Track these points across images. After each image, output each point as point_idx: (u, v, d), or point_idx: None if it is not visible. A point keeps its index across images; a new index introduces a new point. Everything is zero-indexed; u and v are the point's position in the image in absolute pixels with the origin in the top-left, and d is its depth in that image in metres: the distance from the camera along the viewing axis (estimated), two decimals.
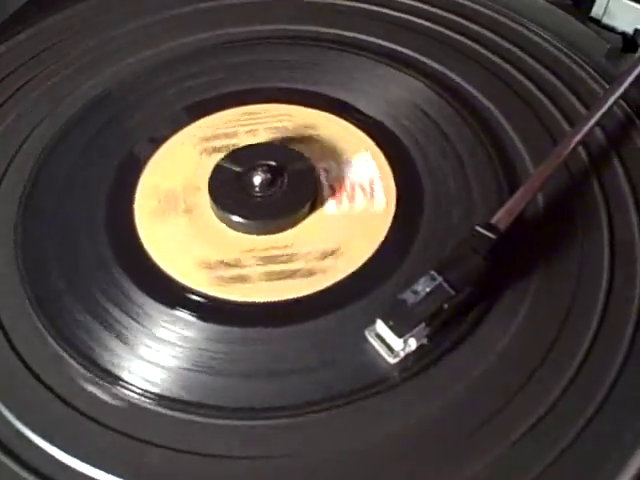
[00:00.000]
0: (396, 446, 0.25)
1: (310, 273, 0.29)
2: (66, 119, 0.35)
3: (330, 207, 0.31)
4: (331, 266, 0.29)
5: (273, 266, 0.29)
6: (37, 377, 0.27)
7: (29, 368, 0.27)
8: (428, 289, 0.26)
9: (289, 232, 0.30)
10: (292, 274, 0.29)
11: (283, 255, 0.29)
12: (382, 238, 0.30)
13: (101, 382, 0.26)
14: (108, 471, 0.25)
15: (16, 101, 0.36)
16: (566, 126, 0.33)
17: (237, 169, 0.31)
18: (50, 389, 0.26)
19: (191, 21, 0.39)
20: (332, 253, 0.29)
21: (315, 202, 0.31)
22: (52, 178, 0.33)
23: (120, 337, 0.28)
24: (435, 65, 0.36)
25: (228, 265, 0.29)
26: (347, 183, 0.32)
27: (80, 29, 0.39)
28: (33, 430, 0.25)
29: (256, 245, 0.30)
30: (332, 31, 0.38)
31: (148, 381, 0.26)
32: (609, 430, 0.25)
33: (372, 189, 0.31)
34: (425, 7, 0.39)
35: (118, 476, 0.24)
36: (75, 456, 0.25)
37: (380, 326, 0.26)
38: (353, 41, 0.37)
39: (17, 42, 0.39)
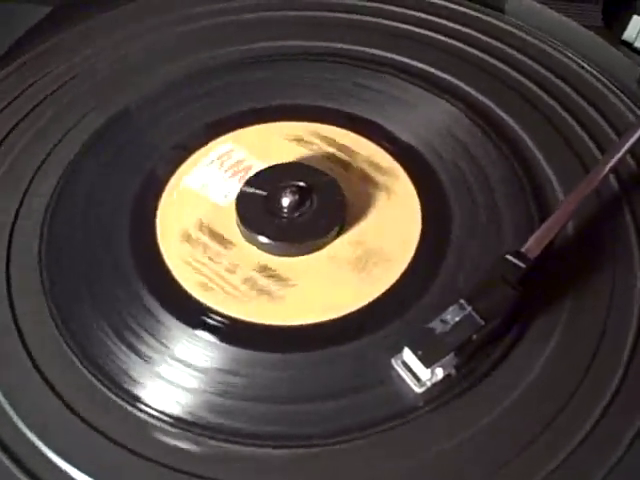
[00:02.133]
0: (422, 477, 0.24)
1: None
2: (88, 135, 0.34)
3: (355, 230, 0.31)
4: (356, 292, 0.29)
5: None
6: (55, 391, 0.27)
7: (47, 381, 0.27)
8: (457, 318, 0.26)
9: (314, 255, 0.30)
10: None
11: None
12: (408, 263, 0.29)
13: (120, 401, 0.26)
14: None
15: (36, 116, 0.35)
16: (597, 152, 0.33)
17: (264, 191, 0.31)
18: (68, 406, 0.26)
19: (217, 34, 0.39)
20: (359, 277, 0.29)
21: (343, 224, 0.30)
22: (75, 196, 0.32)
23: (141, 356, 0.27)
24: (464, 86, 0.35)
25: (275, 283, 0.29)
26: (373, 206, 0.31)
27: (99, 43, 0.39)
28: (48, 446, 0.25)
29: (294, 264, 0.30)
30: (368, 50, 0.37)
31: (166, 402, 0.26)
32: None
33: (398, 213, 0.31)
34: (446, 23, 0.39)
35: None
36: (89, 474, 0.25)
37: (407, 355, 0.26)
38: (389, 61, 0.37)
39: (34, 56, 0.38)
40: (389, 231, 0.30)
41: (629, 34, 0.37)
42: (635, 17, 0.37)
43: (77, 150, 0.34)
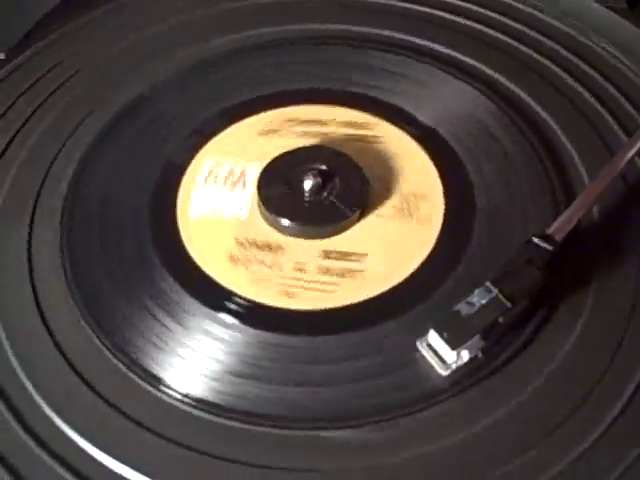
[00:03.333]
0: (445, 460, 0.24)
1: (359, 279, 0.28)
2: (105, 121, 0.34)
3: (379, 213, 0.30)
4: (379, 274, 0.28)
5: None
6: (80, 375, 0.27)
7: (72, 367, 0.27)
8: (483, 301, 0.26)
9: (337, 237, 0.30)
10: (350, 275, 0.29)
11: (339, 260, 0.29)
12: (431, 247, 0.29)
13: (143, 384, 0.26)
14: (145, 473, 0.25)
15: (51, 103, 0.35)
16: (622, 135, 0.32)
17: (287, 173, 0.31)
18: (92, 388, 0.26)
19: (235, 19, 0.39)
20: (383, 261, 0.29)
21: (365, 208, 0.30)
22: (93, 181, 0.32)
23: (165, 340, 0.27)
24: (490, 72, 0.35)
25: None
26: (397, 190, 0.31)
27: (114, 29, 0.39)
28: (73, 428, 0.25)
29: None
30: (393, 35, 0.37)
31: (189, 385, 0.26)
32: None
33: (422, 197, 0.31)
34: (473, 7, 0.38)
35: (150, 476, 0.24)
36: (113, 456, 0.25)
37: (433, 337, 0.26)
38: (414, 46, 0.36)
39: (50, 42, 0.38)
40: (413, 214, 0.30)
41: None
42: None
43: (96, 134, 0.34)
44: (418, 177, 0.31)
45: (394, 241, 0.29)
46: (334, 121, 0.33)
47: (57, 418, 0.26)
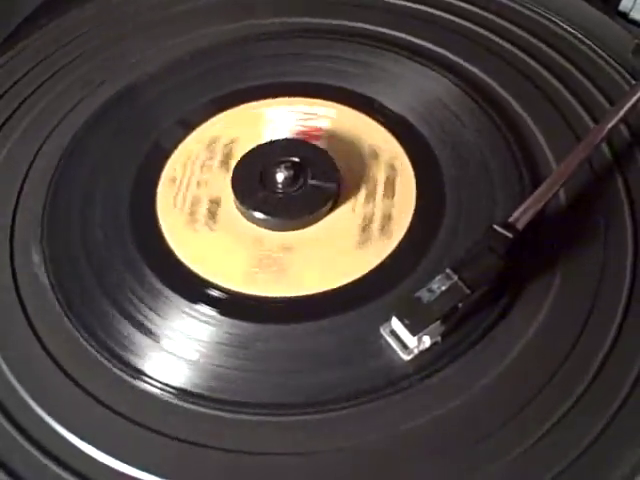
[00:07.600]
0: (408, 445, 0.25)
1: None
2: (91, 112, 0.35)
3: (350, 204, 0.31)
4: (349, 263, 0.29)
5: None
6: (61, 368, 0.28)
7: (53, 359, 0.28)
8: (444, 287, 0.26)
9: (308, 229, 0.31)
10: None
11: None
12: (401, 235, 0.30)
13: (123, 374, 0.27)
14: (125, 461, 0.25)
15: (40, 95, 0.36)
16: (590, 122, 0.33)
17: (260, 165, 0.31)
18: (72, 379, 0.27)
19: (218, 12, 0.39)
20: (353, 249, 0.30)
21: (337, 199, 0.31)
22: (77, 172, 0.33)
23: (144, 331, 0.28)
24: (457, 59, 0.36)
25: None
26: (368, 179, 0.32)
27: (107, 19, 0.40)
28: (54, 417, 0.26)
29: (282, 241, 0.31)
30: (357, 25, 0.37)
31: (169, 375, 0.27)
32: (631, 427, 0.25)
33: (393, 186, 0.31)
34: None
35: (137, 467, 0.25)
36: (95, 445, 0.26)
37: (395, 323, 0.26)
38: (380, 36, 0.37)
39: (45, 32, 0.39)
40: (382, 204, 0.31)
41: (625, 5, 0.37)
42: None
43: (88, 116, 0.35)
44: (388, 166, 0.32)
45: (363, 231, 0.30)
46: (301, 113, 0.34)
47: (39, 409, 0.27)
